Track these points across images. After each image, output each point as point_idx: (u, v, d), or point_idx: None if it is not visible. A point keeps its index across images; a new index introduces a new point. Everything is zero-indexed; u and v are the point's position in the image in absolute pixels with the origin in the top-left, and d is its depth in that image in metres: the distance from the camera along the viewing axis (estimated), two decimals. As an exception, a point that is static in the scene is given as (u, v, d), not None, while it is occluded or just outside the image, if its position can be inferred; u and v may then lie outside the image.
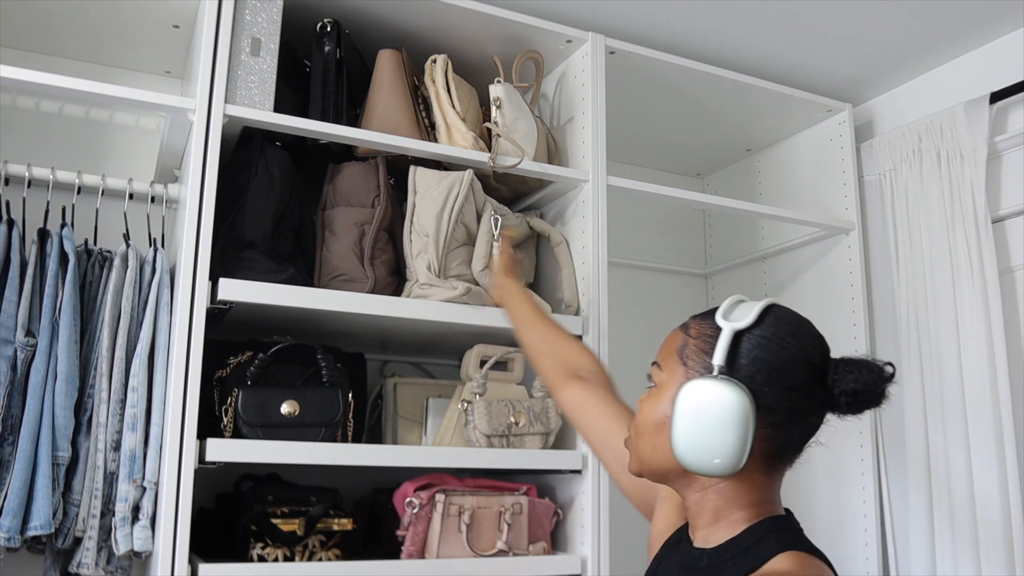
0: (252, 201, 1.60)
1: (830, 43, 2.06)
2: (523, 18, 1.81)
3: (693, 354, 0.94)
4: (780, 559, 0.88)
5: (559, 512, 1.74)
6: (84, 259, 1.56)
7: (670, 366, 0.96)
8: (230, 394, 1.51)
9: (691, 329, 0.97)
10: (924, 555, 1.94)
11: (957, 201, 1.97)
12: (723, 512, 0.94)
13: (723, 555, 0.92)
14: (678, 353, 0.95)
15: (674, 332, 0.99)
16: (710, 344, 0.93)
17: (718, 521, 0.94)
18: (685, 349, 0.95)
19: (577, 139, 1.91)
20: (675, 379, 0.94)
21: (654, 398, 0.96)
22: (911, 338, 2.03)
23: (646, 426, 0.96)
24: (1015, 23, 1.98)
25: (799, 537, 0.93)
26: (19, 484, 1.38)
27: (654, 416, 0.95)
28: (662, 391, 0.95)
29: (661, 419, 0.94)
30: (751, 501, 0.94)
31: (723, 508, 0.94)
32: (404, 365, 2.08)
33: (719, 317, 0.94)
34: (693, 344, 0.94)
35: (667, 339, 0.99)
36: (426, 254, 1.67)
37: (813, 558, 0.89)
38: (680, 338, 0.97)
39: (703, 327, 0.95)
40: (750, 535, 0.92)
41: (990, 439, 1.82)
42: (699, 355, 0.93)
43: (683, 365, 0.94)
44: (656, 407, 0.95)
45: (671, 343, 0.98)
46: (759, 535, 0.91)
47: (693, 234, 2.73)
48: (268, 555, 1.48)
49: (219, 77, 1.53)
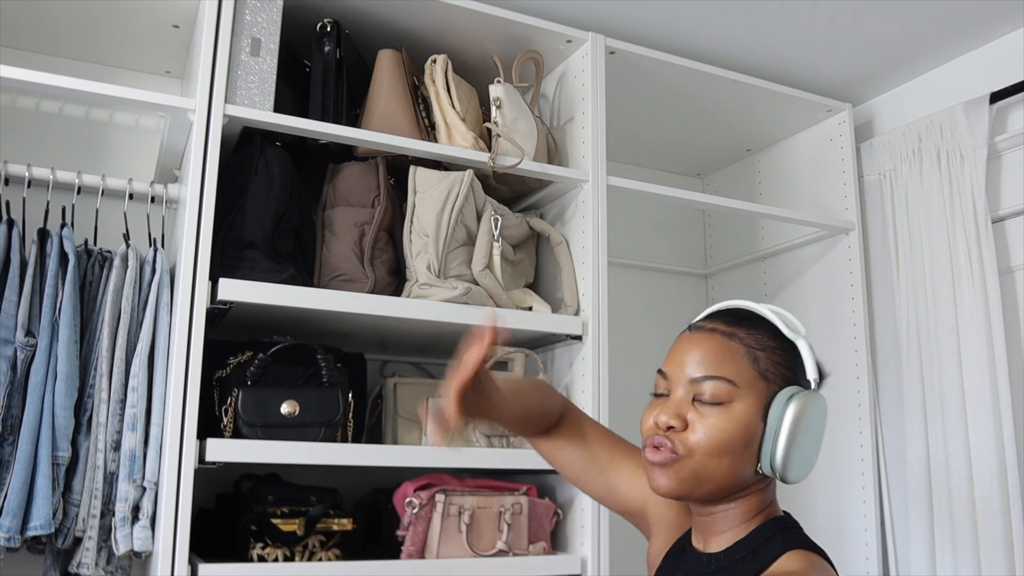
0: (252, 201, 1.60)
1: (830, 43, 2.06)
2: (523, 18, 1.81)
3: (771, 367, 0.93)
4: (788, 559, 0.89)
5: (559, 512, 1.74)
6: (84, 259, 1.56)
7: (746, 380, 0.92)
8: (230, 394, 1.51)
9: (745, 339, 0.94)
10: (924, 555, 1.93)
11: (957, 201, 1.97)
12: (742, 518, 0.95)
13: (732, 557, 0.93)
14: (753, 368, 0.93)
15: (718, 342, 0.94)
16: (784, 356, 0.94)
17: (734, 528, 0.95)
18: (759, 364, 0.93)
19: (577, 139, 1.91)
20: (756, 393, 0.92)
21: (729, 414, 0.91)
22: (911, 338, 2.03)
23: (727, 444, 0.91)
24: (1015, 23, 1.98)
25: (803, 536, 0.94)
26: (19, 484, 1.38)
27: (741, 432, 0.91)
28: (740, 407, 0.91)
29: (750, 434, 0.91)
30: (766, 505, 0.96)
31: (744, 514, 0.95)
32: (404, 365, 2.08)
33: (784, 328, 0.95)
34: (766, 357, 0.93)
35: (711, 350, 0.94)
36: (426, 254, 1.67)
37: (819, 557, 0.91)
38: (741, 351, 0.93)
39: (761, 339, 0.94)
40: (757, 536, 0.93)
41: (990, 439, 1.82)
42: (776, 367, 0.93)
43: (763, 379, 0.92)
44: (738, 422, 0.91)
45: (731, 356, 0.93)
46: (766, 536, 0.93)
47: (693, 234, 2.73)
48: (268, 555, 1.48)
49: (219, 77, 1.53)
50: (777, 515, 0.96)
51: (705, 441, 0.91)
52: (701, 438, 0.91)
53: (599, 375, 1.74)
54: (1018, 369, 1.87)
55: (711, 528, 0.96)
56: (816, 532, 2.26)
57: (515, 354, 1.79)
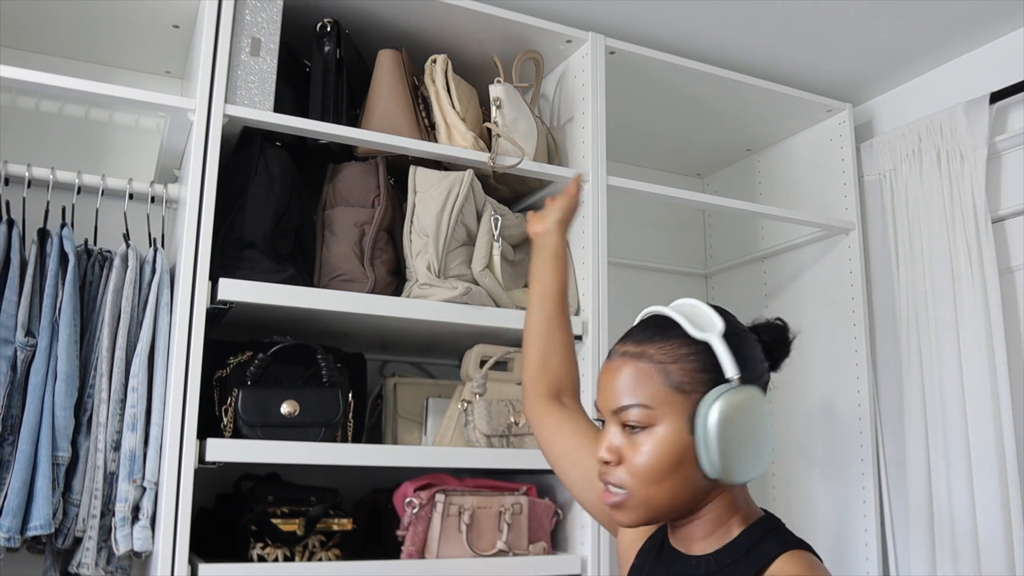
0: (252, 201, 1.60)
1: (830, 43, 2.06)
2: (523, 18, 1.81)
3: (685, 377, 0.91)
4: (787, 562, 0.89)
5: (559, 512, 1.74)
6: (84, 259, 1.56)
7: (661, 400, 0.91)
8: (230, 394, 1.51)
9: (655, 356, 0.92)
10: (924, 555, 1.93)
11: (957, 201, 1.97)
12: (721, 520, 0.95)
13: (723, 560, 0.93)
14: (666, 384, 0.91)
15: (629, 367, 0.93)
16: (700, 361, 0.92)
17: (716, 530, 0.95)
18: (671, 378, 0.91)
19: (577, 139, 1.91)
20: (676, 409, 0.90)
21: (654, 438, 0.90)
22: (911, 338, 2.03)
23: (659, 469, 0.90)
24: (1015, 23, 1.98)
25: (793, 535, 0.94)
26: (19, 484, 1.38)
27: (668, 454, 0.90)
28: (663, 428, 0.91)
29: (681, 452, 0.90)
30: (741, 504, 0.96)
31: (720, 518, 0.95)
32: (404, 365, 2.08)
33: (692, 330, 0.93)
34: (678, 369, 0.91)
35: (624, 377, 0.93)
36: (426, 254, 1.67)
37: (815, 558, 0.91)
38: (652, 370, 0.92)
39: (672, 350, 0.92)
40: (747, 538, 0.93)
41: (990, 439, 1.82)
42: (692, 375, 0.91)
43: (680, 392, 0.91)
44: (664, 443, 0.90)
45: (642, 379, 0.92)
46: (757, 537, 0.93)
47: (693, 234, 2.73)
48: (268, 555, 1.48)
49: (219, 77, 1.53)
50: (759, 515, 0.96)
51: (638, 471, 0.91)
52: (635, 469, 0.91)
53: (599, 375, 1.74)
54: (1018, 369, 1.87)
55: (689, 535, 0.97)
56: (816, 532, 2.27)
57: (515, 354, 1.79)
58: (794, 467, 2.25)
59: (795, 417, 2.26)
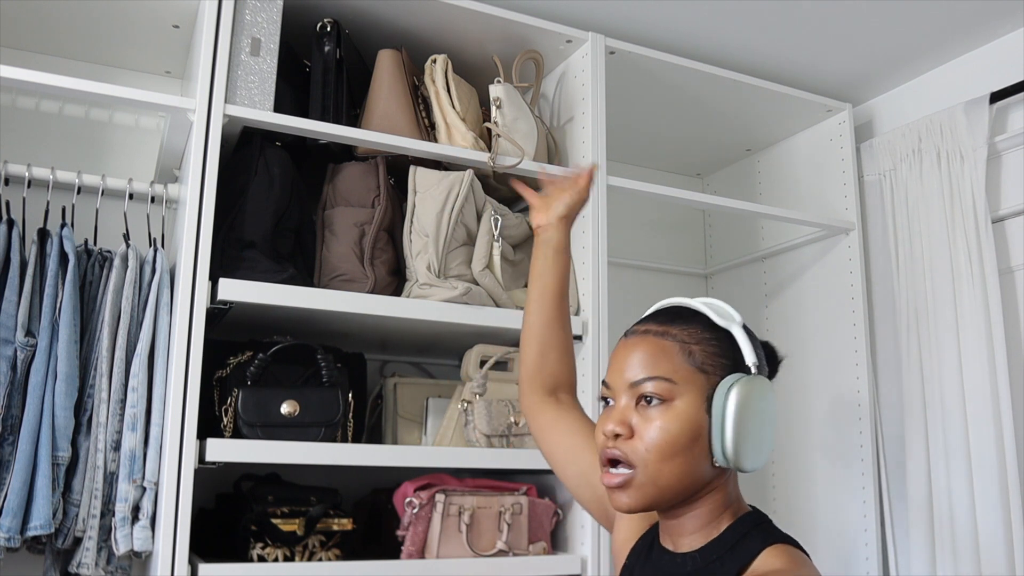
0: (252, 201, 1.60)
1: (830, 43, 2.06)
2: (523, 18, 1.81)
3: (707, 359, 0.93)
4: (770, 556, 0.89)
5: (559, 512, 1.74)
6: (84, 259, 1.56)
7: (683, 376, 0.92)
8: (230, 394, 1.51)
9: (678, 336, 0.94)
10: (924, 555, 1.93)
11: (957, 201, 1.97)
12: (713, 514, 0.95)
13: (708, 557, 0.93)
14: (689, 362, 0.93)
15: (651, 343, 0.95)
16: (720, 347, 0.94)
17: (707, 524, 0.95)
18: (694, 357, 0.93)
19: (577, 139, 1.91)
20: (696, 387, 0.92)
21: (672, 412, 0.91)
22: (911, 338, 2.03)
23: (674, 444, 0.91)
24: (1015, 23, 1.98)
25: (778, 530, 0.95)
26: (19, 484, 1.38)
27: (684, 430, 0.91)
28: (681, 403, 0.92)
29: (697, 429, 0.91)
30: (732, 499, 0.97)
31: (711, 512, 0.95)
32: (404, 365, 2.08)
33: (716, 318, 0.96)
34: (701, 350, 0.94)
35: (646, 352, 0.94)
36: (426, 254, 1.67)
37: (799, 552, 0.92)
38: (675, 348, 0.94)
39: (695, 332, 0.95)
40: (732, 533, 0.93)
41: (990, 438, 1.82)
42: (713, 358, 0.93)
43: (702, 372, 0.93)
44: (681, 420, 0.91)
45: (665, 354, 0.94)
46: (741, 532, 0.93)
47: (693, 234, 2.73)
48: (268, 555, 1.48)
49: (219, 77, 1.53)
50: (747, 511, 0.97)
51: (653, 446, 0.91)
52: (649, 443, 0.91)
53: (599, 375, 1.74)
54: (1018, 369, 1.87)
55: (679, 530, 0.97)
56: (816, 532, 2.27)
57: (515, 354, 1.79)
58: (794, 467, 2.25)
59: (795, 417, 2.26)
